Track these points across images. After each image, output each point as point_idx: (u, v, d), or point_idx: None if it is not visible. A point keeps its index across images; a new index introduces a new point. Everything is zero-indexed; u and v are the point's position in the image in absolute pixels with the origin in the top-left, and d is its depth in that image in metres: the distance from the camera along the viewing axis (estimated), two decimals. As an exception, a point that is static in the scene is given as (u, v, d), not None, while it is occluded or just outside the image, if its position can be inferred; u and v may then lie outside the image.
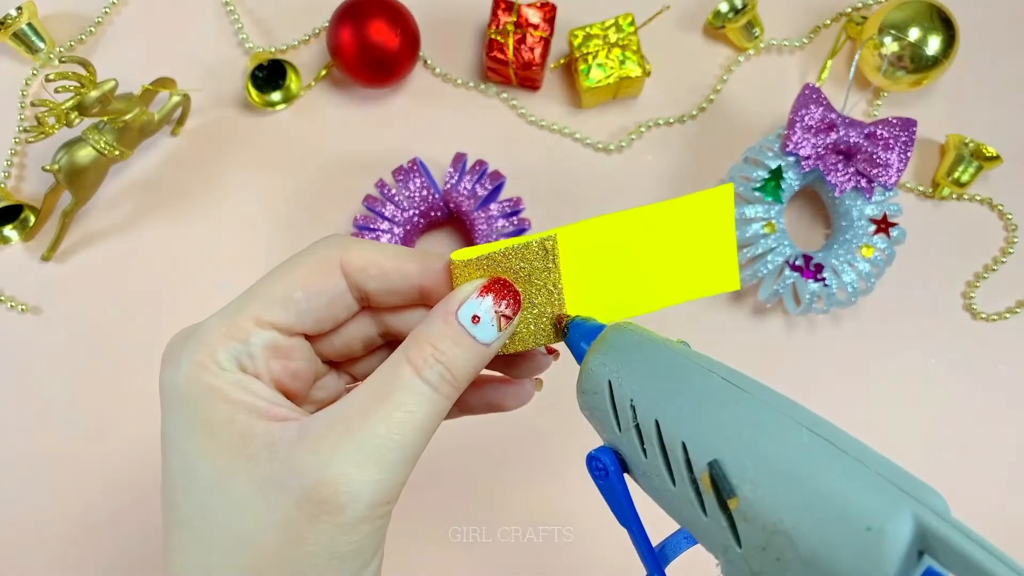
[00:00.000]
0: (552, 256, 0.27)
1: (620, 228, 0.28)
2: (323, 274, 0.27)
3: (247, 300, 0.27)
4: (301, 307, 0.27)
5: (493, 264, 0.27)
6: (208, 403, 0.25)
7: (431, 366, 0.25)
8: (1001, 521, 0.50)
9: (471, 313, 0.26)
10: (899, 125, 0.50)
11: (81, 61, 0.47)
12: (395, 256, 0.28)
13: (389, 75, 0.52)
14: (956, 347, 0.52)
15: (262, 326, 0.27)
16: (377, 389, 0.25)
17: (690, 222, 0.28)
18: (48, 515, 0.50)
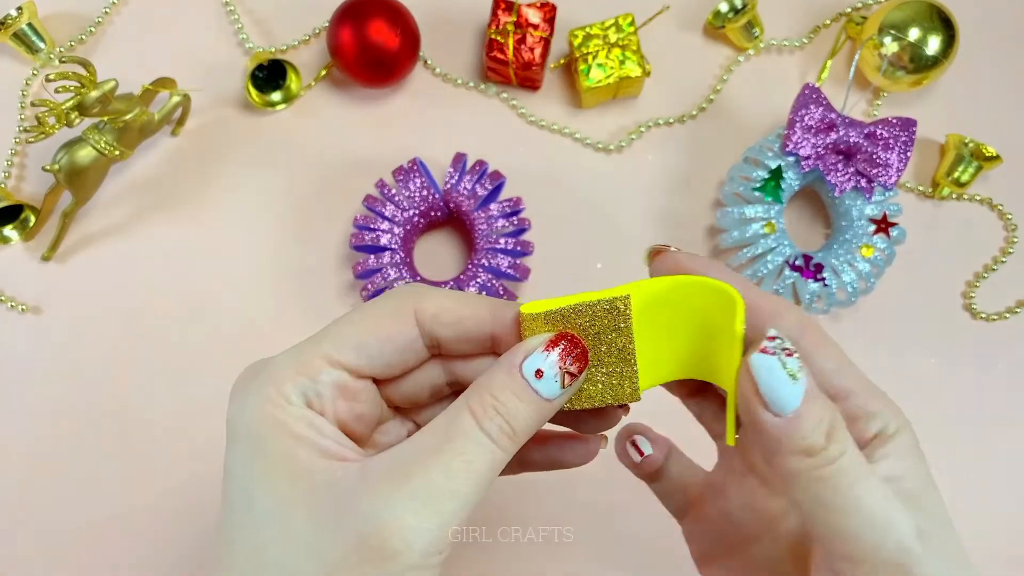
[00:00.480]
0: (623, 316, 0.27)
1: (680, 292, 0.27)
2: (397, 321, 0.28)
3: (319, 340, 0.27)
4: (372, 351, 0.27)
5: (562, 319, 0.27)
6: (272, 435, 0.25)
7: (491, 418, 0.25)
8: (1001, 521, 0.50)
9: (535, 367, 0.26)
10: (899, 125, 0.50)
11: (81, 61, 0.47)
12: (468, 304, 0.28)
13: (389, 75, 0.52)
14: (956, 347, 0.52)
15: (332, 365, 0.27)
16: (437, 436, 0.25)
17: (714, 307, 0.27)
18: (48, 515, 0.50)
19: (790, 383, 0.24)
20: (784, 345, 0.25)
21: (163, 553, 0.50)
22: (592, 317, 0.27)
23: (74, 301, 0.52)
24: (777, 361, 0.24)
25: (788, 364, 0.24)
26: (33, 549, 0.50)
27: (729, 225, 0.51)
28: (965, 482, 0.51)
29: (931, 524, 0.26)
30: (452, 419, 0.25)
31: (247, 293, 0.52)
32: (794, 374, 0.24)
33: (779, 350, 0.25)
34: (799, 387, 0.24)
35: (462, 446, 0.25)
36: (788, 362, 0.24)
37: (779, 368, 0.24)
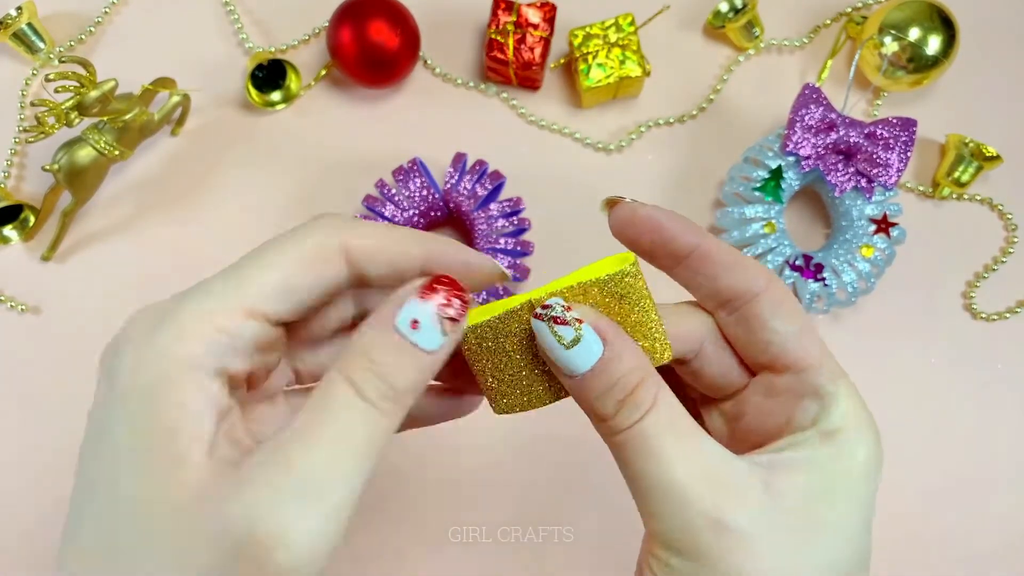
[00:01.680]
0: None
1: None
2: (326, 260, 0.25)
3: (238, 283, 0.24)
4: (301, 296, 0.24)
5: (492, 331, 0.26)
6: (162, 410, 0.22)
7: (368, 381, 0.23)
8: (1002, 521, 0.50)
9: (410, 318, 0.23)
10: (899, 125, 0.50)
11: (81, 61, 0.47)
12: (401, 240, 0.26)
13: (389, 75, 0.52)
14: (956, 347, 0.52)
15: (253, 316, 0.24)
16: (313, 416, 0.22)
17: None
18: (47, 515, 0.50)
19: (563, 350, 0.25)
20: (554, 313, 0.25)
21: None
22: (520, 322, 0.26)
23: (74, 301, 0.52)
24: (546, 327, 0.25)
25: (559, 331, 0.25)
26: (34, 549, 0.50)
27: (729, 225, 0.51)
28: (965, 482, 0.50)
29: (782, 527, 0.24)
30: (326, 392, 0.23)
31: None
32: (566, 343, 0.24)
33: (547, 318, 0.25)
34: (581, 353, 0.24)
35: (340, 423, 0.22)
36: (560, 329, 0.25)
37: (549, 334, 0.25)
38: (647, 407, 0.24)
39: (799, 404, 0.27)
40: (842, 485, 0.25)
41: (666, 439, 0.24)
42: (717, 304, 0.28)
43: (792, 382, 0.27)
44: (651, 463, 0.24)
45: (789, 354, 0.27)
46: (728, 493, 0.24)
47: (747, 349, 0.28)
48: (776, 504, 0.24)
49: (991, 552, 0.50)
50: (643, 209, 0.27)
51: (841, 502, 0.25)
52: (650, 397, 0.25)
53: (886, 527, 0.50)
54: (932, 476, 0.51)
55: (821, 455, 0.25)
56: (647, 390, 0.25)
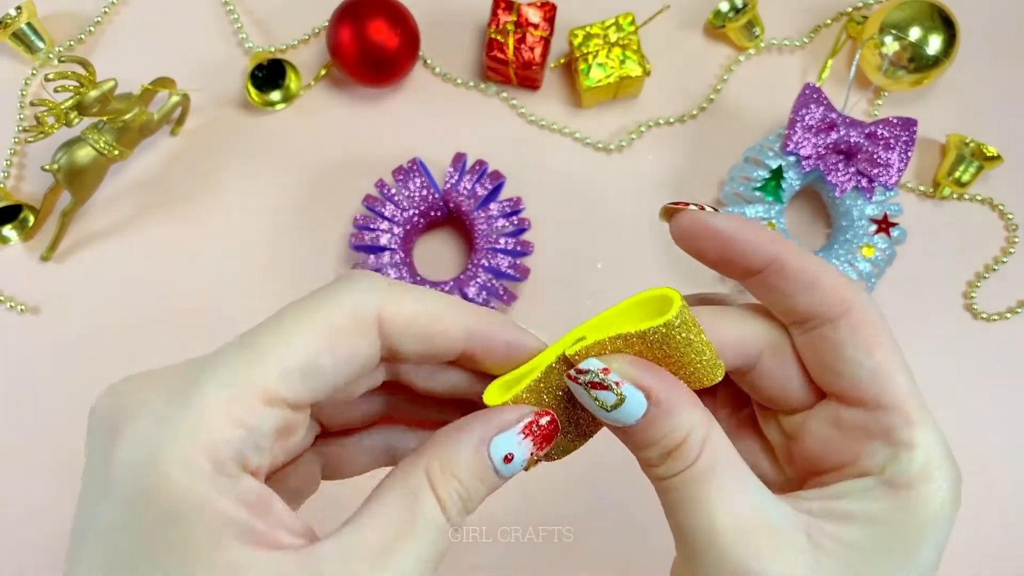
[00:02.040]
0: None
1: (627, 315, 0.25)
2: (359, 334, 0.22)
3: (255, 361, 0.21)
4: (326, 376, 0.21)
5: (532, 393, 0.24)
6: (194, 524, 0.19)
7: (454, 502, 0.22)
8: (1002, 521, 0.50)
9: (506, 451, 0.23)
10: (900, 125, 0.49)
11: (81, 61, 0.47)
12: (442, 315, 0.23)
13: (389, 75, 0.52)
14: (956, 347, 0.52)
15: (273, 403, 0.21)
16: (397, 521, 0.21)
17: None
18: (47, 515, 0.50)
19: (604, 413, 0.23)
20: (591, 379, 0.23)
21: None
22: (556, 376, 0.24)
23: (73, 301, 0.52)
24: (584, 391, 0.23)
25: (599, 396, 0.23)
26: (33, 549, 0.50)
27: (729, 225, 0.50)
28: (965, 482, 0.50)
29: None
30: (412, 502, 0.22)
31: (246, 293, 0.52)
32: (607, 407, 0.23)
33: (584, 384, 0.23)
34: (625, 413, 0.23)
35: (425, 529, 0.21)
36: (599, 395, 0.23)
37: (588, 398, 0.23)
38: (693, 457, 0.23)
39: (867, 445, 0.24)
40: (900, 545, 0.23)
41: (709, 487, 0.23)
42: (791, 320, 0.25)
43: (863, 418, 0.24)
44: (692, 512, 0.23)
45: (863, 389, 0.24)
46: (766, 543, 0.22)
47: (818, 373, 0.25)
48: (819, 558, 0.23)
49: (991, 551, 0.50)
50: (710, 219, 0.25)
51: (896, 563, 0.23)
52: (697, 447, 0.23)
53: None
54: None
55: (881, 509, 0.23)
56: (695, 440, 0.23)
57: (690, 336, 0.24)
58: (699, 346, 0.24)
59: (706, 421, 0.24)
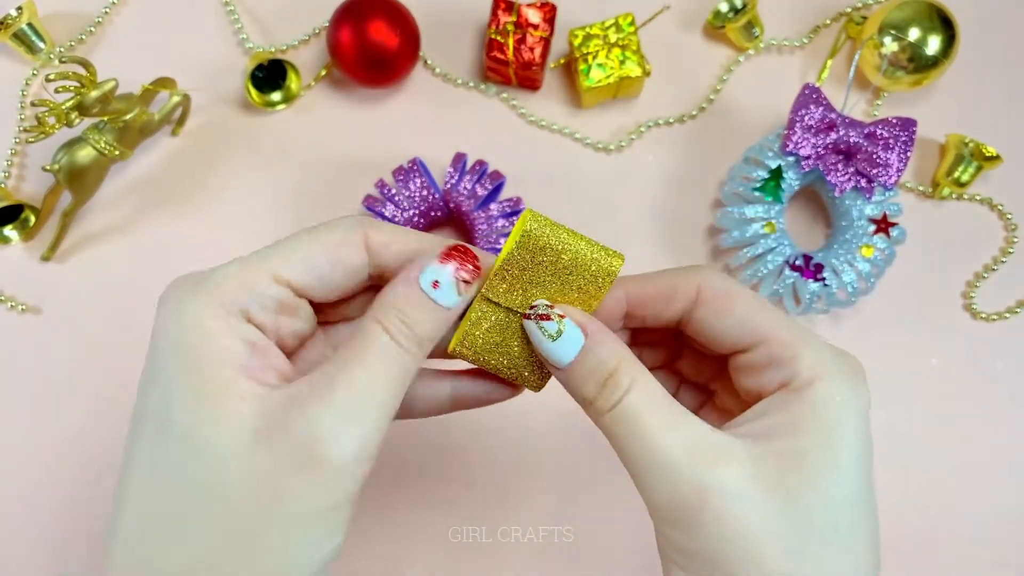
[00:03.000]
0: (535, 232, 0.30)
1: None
2: (348, 245, 0.29)
3: (266, 255, 0.28)
4: (323, 272, 0.28)
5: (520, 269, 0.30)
6: (204, 347, 0.26)
7: (397, 327, 0.27)
8: (1001, 520, 0.50)
9: (431, 279, 0.28)
10: (899, 125, 0.50)
11: (81, 61, 0.47)
12: (415, 238, 0.30)
13: (389, 75, 0.52)
14: (956, 347, 0.52)
15: (278, 281, 0.28)
16: (354, 351, 0.26)
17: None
18: (46, 514, 0.50)
19: (550, 341, 0.28)
20: (539, 311, 0.29)
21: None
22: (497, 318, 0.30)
23: (74, 301, 0.52)
24: (534, 325, 0.29)
25: (545, 327, 0.29)
26: (33, 549, 0.50)
27: (729, 225, 0.51)
28: (965, 482, 0.50)
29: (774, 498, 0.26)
30: (362, 333, 0.27)
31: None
32: (551, 335, 0.28)
33: (534, 315, 0.29)
34: (564, 345, 0.28)
35: (376, 357, 0.26)
36: (545, 325, 0.29)
37: (537, 330, 0.29)
38: (626, 387, 0.27)
39: (766, 372, 0.28)
40: (819, 439, 0.26)
41: (648, 414, 0.27)
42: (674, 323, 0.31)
43: (755, 358, 0.29)
44: (636, 439, 0.27)
45: (739, 341, 0.29)
46: (710, 459, 0.26)
47: (712, 345, 0.30)
48: (758, 467, 0.26)
49: (991, 551, 0.50)
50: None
51: (822, 456, 0.26)
52: (628, 378, 0.27)
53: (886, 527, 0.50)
54: (932, 476, 0.51)
55: (794, 415, 0.27)
56: (625, 372, 0.27)
57: (561, 235, 0.29)
58: (582, 243, 0.30)
59: (632, 357, 0.28)
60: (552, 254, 0.29)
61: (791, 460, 0.26)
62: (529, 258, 0.29)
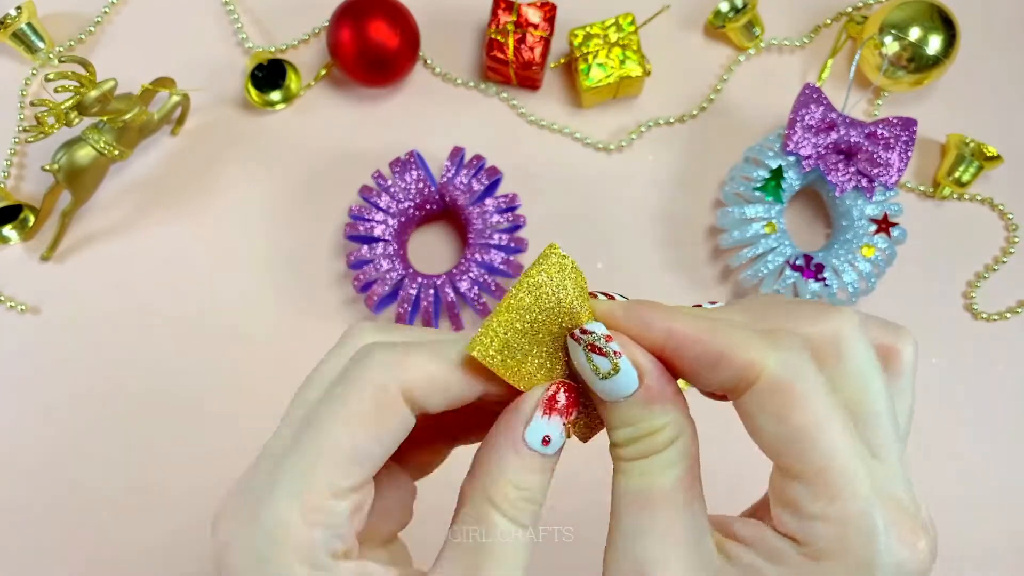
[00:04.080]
0: (553, 263, 0.26)
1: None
2: (387, 414, 0.23)
3: (313, 463, 0.23)
4: (374, 455, 0.23)
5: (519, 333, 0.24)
6: None
7: (522, 508, 0.24)
8: (1000, 520, 0.50)
9: (541, 435, 0.24)
10: (900, 125, 0.49)
11: (81, 61, 0.47)
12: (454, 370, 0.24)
13: (389, 75, 0.52)
14: (957, 347, 0.52)
15: (340, 496, 0.23)
16: (475, 553, 0.23)
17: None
18: (46, 514, 0.50)
19: (595, 378, 0.24)
20: (592, 340, 0.24)
21: (168, 546, 0.50)
22: (535, 295, 0.25)
23: (73, 301, 0.52)
24: (583, 352, 0.24)
25: (596, 361, 0.24)
26: (32, 548, 0.50)
27: (729, 225, 0.50)
28: (965, 483, 0.50)
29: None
30: (482, 526, 0.24)
31: (246, 292, 0.52)
32: (601, 373, 0.24)
33: (584, 344, 0.24)
34: (612, 385, 0.24)
35: (508, 554, 0.23)
36: (596, 359, 0.24)
37: (584, 360, 0.24)
38: (661, 464, 0.24)
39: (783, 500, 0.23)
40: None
41: (653, 511, 0.24)
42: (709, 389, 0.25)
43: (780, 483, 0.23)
44: (632, 519, 0.24)
45: (779, 458, 0.23)
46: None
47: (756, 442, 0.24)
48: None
49: (991, 552, 0.50)
50: (598, 307, 0.25)
51: None
52: (666, 443, 0.24)
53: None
54: (932, 476, 0.50)
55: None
56: (665, 437, 0.24)
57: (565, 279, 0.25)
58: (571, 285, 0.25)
59: (684, 423, 0.24)
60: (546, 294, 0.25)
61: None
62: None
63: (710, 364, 0.23)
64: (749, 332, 0.23)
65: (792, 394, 0.22)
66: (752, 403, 0.23)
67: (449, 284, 0.49)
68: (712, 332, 0.23)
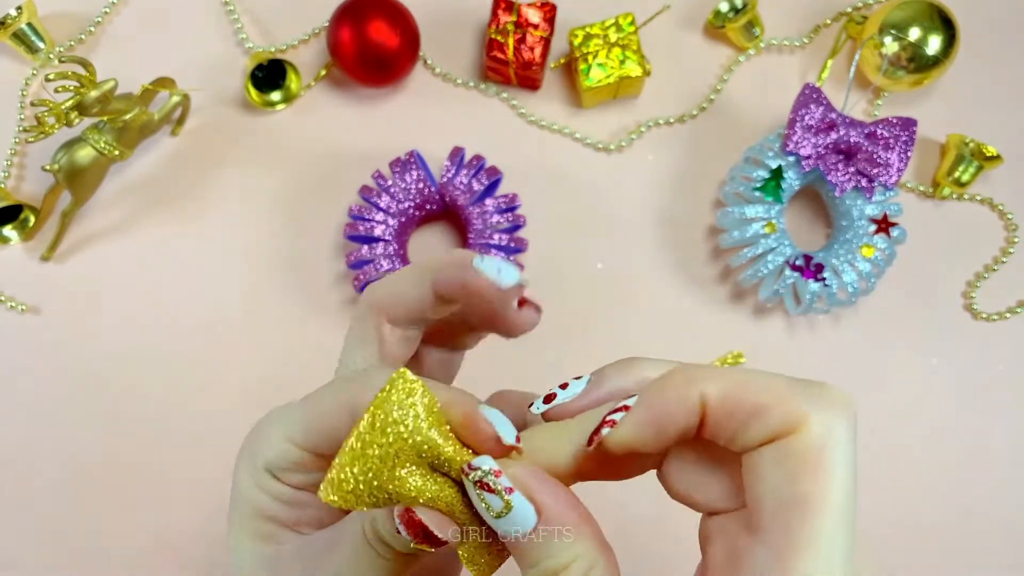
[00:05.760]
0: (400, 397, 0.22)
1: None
2: (336, 418, 0.25)
3: (288, 414, 0.26)
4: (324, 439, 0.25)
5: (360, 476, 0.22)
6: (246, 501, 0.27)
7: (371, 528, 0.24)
8: (1000, 520, 0.50)
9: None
10: (899, 125, 0.49)
11: (81, 61, 0.47)
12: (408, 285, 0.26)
13: (389, 75, 0.52)
14: (956, 347, 0.52)
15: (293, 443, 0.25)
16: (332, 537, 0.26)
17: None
18: (46, 515, 0.50)
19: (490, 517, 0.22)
20: (479, 478, 0.22)
21: (167, 545, 0.50)
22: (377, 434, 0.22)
23: (73, 301, 0.52)
24: (472, 489, 0.22)
25: (487, 499, 0.22)
26: (33, 546, 0.50)
27: (729, 225, 0.50)
28: (966, 483, 0.50)
29: None
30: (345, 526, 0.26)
31: (246, 292, 0.52)
32: (493, 512, 0.22)
33: (473, 482, 0.22)
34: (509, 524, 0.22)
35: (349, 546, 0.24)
36: (486, 497, 0.22)
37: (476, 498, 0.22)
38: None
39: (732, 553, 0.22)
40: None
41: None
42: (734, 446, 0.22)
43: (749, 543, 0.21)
44: None
45: (762, 515, 0.21)
46: None
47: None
48: None
49: (991, 552, 0.50)
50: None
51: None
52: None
53: (886, 527, 0.50)
54: (932, 476, 0.51)
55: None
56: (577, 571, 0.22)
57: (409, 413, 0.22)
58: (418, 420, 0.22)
59: (595, 554, 0.22)
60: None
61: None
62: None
63: (744, 420, 0.21)
64: (790, 381, 0.21)
65: (819, 461, 0.20)
66: (769, 456, 0.21)
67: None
68: (748, 384, 0.21)
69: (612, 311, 0.52)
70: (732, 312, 0.53)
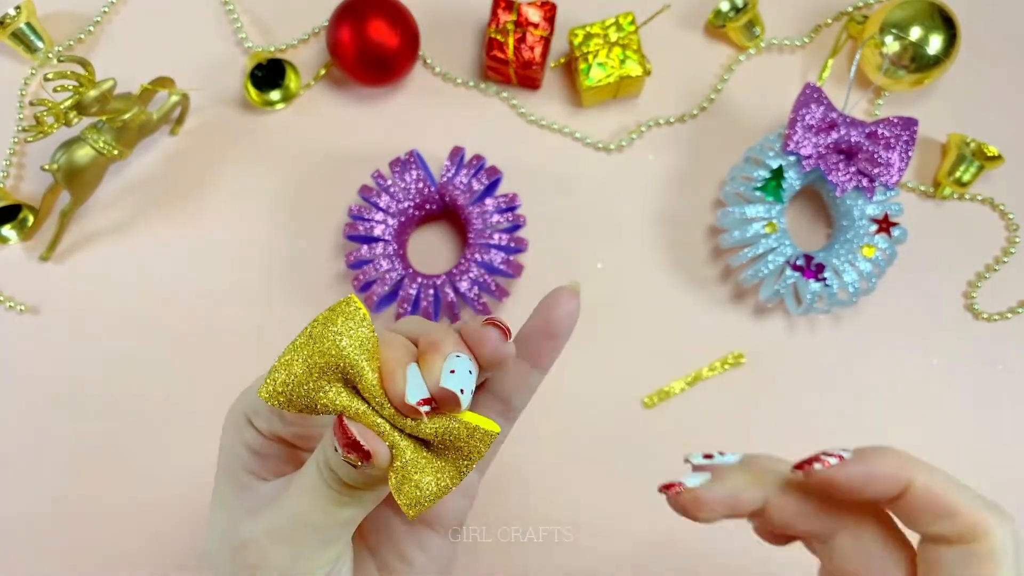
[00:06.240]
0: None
1: None
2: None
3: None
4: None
5: None
6: (224, 452, 0.30)
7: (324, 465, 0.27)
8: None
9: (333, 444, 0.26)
10: (900, 124, 0.49)
11: (80, 60, 0.47)
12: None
13: (389, 74, 0.52)
14: (957, 347, 0.52)
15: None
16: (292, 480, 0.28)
17: None
18: (46, 514, 0.50)
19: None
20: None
21: (165, 544, 0.50)
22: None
23: (72, 301, 0.52)
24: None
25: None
26: (30, 546, 0.50)
27: (730, 225, 0.50)
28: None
29: None
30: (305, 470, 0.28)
31: (246, 292, 0.52)
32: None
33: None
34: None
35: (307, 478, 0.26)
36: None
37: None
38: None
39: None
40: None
41: None
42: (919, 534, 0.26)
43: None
44: None
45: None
46: None
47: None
48: None
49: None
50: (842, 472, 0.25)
51: None
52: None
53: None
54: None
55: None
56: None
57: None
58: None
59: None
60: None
61: None
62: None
63: (938, 514, 0.25)
64: (976, 494, 0.26)
65: (1000, 564, 0.25)
66: (956, 557, 0.25)
67: (449, 284, 0.49)
68: (949, 486, 0.26)
69: (612, 311, 0.52)
70: (732, 312, 0.53)
